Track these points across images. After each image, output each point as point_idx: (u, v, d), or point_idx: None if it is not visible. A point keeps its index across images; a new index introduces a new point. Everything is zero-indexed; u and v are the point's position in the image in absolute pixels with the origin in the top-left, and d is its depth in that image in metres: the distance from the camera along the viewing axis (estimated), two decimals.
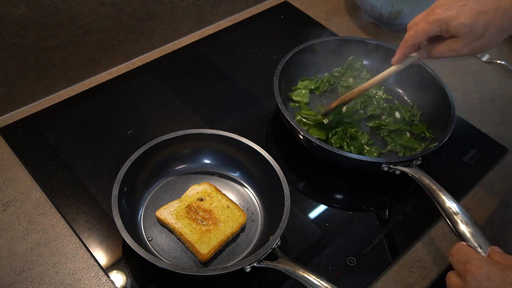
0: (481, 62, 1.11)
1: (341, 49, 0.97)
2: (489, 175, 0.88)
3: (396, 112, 0.92)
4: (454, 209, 0.65)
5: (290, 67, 0.91)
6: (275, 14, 1.17)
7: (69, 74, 0.94)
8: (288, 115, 0.81)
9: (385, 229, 0.78)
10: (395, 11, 1.08)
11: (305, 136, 0.79)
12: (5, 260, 0.70)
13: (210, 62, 1.03)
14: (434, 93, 0.90)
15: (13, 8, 0.79)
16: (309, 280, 0.61)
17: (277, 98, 0.83)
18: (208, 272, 0.63)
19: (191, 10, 1.06)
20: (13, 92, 0.88)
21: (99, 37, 0.94)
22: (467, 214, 0.64)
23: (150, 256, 0.63)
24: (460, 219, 0.64)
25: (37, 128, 0.87)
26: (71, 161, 0.82)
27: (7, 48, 0.82)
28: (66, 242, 0.73)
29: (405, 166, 0.76)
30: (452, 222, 0.65)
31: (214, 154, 0.81)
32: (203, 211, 0.73)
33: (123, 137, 0.87)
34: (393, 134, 0.88)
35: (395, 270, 0.75)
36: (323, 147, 0.77)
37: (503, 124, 0.98)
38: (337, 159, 0.81)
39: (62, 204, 0.77)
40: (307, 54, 0.95)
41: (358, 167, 0.83)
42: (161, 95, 0.95)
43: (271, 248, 0.65)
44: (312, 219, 0.78)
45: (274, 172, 0.74)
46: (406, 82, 0.97)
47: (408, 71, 0.84)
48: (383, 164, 0.76)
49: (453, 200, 0.67)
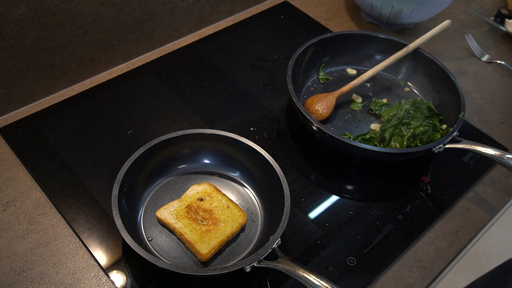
0: (481, 62, 1.11)
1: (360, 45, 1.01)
2: (489, 175, 0.88)
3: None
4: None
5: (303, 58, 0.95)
6: (275, 14, 1.17)
7: (69, 74, 0.94)
8: (300, 105, 0.83)
9: (385, 229, 0.78)
10: (395, 11, 1.08)
11: (319, 127, 0.80)
12: (5, 260, 0.70)
13: (210, 62, 1.03)
14: (443, 87, 0.93)
15: (13, 8, 0.79)
16: (309, 280, 0.61)
17: (290, 86, 0.85)
18: (208, 272, 0.63)
19: (191, 10, 1.06)
20: (13, 92, 0.88)
21: (99, 37, 0.94)
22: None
23: (150, 256, 0.63)
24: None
25: (37, 128, 0.87)
26: (71, 161, 0.82)
27: (7, 48, 0.82)
28: (66, 242, 0.73)
29: (453, 143, 0.81)
30: None
31: (214, 154, 0.81)
32: (203, 211, 0.73)
33: (123, 137, 0.87)
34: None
35: (395, 270, 0.75)
36: (335, 137, 0.79)
37: (503, 124, 0.98)
38: (359, 152, 0.82)
39: (62, 204, 0.77)
40: (323, 46, 0.98)
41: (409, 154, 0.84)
42: (161, 95, 0.95)
43: (271, 248, 0.65)
44: (312, 219, 0.78)
45: (274, 172, 0.74)
46: (417, 77, 1.00)
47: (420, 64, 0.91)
48: (434, 147, 0.80)
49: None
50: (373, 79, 1.00)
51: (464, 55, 1.13)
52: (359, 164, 0.88)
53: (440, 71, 0.94)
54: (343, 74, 1.03)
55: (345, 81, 0.98)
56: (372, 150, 0.80)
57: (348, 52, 1.02)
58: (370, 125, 0.92)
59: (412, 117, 0.91)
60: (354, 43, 1.01)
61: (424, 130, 0.87)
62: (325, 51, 1.01)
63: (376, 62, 0.98)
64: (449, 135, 0.81)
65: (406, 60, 0.99)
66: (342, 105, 0.96)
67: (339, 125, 0.92)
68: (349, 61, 1.04)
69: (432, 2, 1.05)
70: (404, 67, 1.01)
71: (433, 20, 1.17)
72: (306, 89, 0.98)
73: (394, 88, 1.01)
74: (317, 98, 0.92)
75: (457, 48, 1.14)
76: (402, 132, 0.88)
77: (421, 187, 0.85)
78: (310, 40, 0.96)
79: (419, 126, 0.88)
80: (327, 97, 0.92)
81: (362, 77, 0.94)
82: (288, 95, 0.90)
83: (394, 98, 0.98)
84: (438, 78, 0.95)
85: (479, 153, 0.79)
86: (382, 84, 1.01)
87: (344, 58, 1.03)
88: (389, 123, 0.89)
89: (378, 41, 1.00)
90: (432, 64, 0.96)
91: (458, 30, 1.20)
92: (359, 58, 1.03)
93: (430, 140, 0.86)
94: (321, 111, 0.91)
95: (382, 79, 1.02)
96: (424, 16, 1.10)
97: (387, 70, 1.01)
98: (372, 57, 1.03)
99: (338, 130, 0.91)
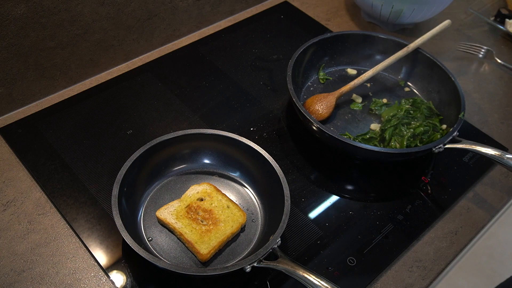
0: (481, 62, 1.11)
1: (361, 44, 1.02)
2: (489, 175, 0.88)
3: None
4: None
5: (304, 57, 0.95)
6: (275, 14, 1.17)
7: (69, 74, 0.94)
8: (300, 105, 0.83)
9: (385, 229, 0.78)
10: (395, 11, 1.08)
11: (319, 127, 0.80)
12: (5, 260, 0.70)
13: (210, 62, 1.03)
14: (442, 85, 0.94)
15: (13, 8, 0.79)
16: (309, 280, 0.61)
17: (290, 86, 0.85)
18: (208, 272, 0.63)
19: (191, 10, 1.06)
20: (13, 92, 0.88)
21: (99, 37, 0.94)
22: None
23: (150, 256, 0.63)
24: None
25: (37, 128, 0.87)
26: (71, 161, 0.82)
27: (7, 48, 0.82)
28: (66, 242, 0.73)
29: (453, 143, 0.81)
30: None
31: (214, 154, 0.81)
32: (203, 211, 0.73)
33: (123, 137, 0.87)
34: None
35: (395, 270, 0.75)
36: (335, 137, 0.79)
37: (503, 124, 0.98)
38: (356, 151, 0.82)
39: (62, 204, 0.77)
40: (323, 46, 0.99)
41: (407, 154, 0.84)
42: (161, 95, 0.95)
43: (271, 248, 0.65)
44: (312, 219, 0.78)
45: (274, 172, 0.74)
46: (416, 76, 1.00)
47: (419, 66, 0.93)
48: (434, 147, 0.80)
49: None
50: (373, 79, 1.00)
51: (464, 55, 1.13)
52: (359, 164, 0.88)
53: (440, 71, 0.94)
54: (343, 74, 1.03)
55: (345, 81, 0.98)
56: (372, 150, 0.80)
57: (348, 52, 1.02)
58: (370, 125, 0.92)
59: (412, 117, 0.91)
60: (354, 43, 1.01)
61: (424, 130, 0.88)
62: (325, 51, 1.01)
63: (376, 62, 0.98)
64: (449, 135, 0.81)
65: (406, 60, 0.99)
66: (342, 105, 0.96)
67: (339, 125, 0.92)
68: (349, 61, 1.04)
69: (432, 2, 1.05)
70: (404, 67, 1.01)
71: (433, 20, 1.17)
72: (306, 89, 0.98)
73: (394, 88, 1.01)
74: (317, 98, 0.92)
75: (457, 48, 1.14)
76: (402, 132, 0.88)
77: (421, 187, 0.85)
78: (310, 40, 0.96)
79: (419, 126, 0.88)
80: (327, 97, 0.92)
81: (362, 77, 0.94)
82: (288, 95, 0.90)
83: (394, 98, 0.98)
84: (438, 78, 0.95)
85: (479, 153, 0.79)
86: (382, 84, 1.01)
87: (344, 58, 1.03)
88: (389, 123, 0.89)
89: (378, 41, 1.00)
90: (432, 64, 0.96)
91: (458, 30, 1.20)
92: (359, 58, 1.03)
93: (430, 140, 0.86)
94: (321, 111, 0.91)
95: (382, 79, 1.02)
96: (424, 16, 1.10)
97: (387, 70, 1.01)
98: (372, 57, 1.03)
99: (338, 130, 0.91)
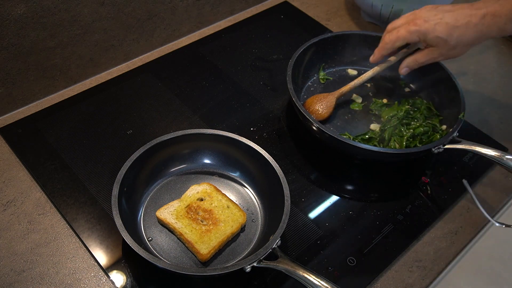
0: (481, 62, 1.11)
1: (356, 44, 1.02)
2: (489, 175, 0.88)
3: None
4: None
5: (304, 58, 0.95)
6: (275, 14, 1.17)
7: (69, 74, 0.94)
8: (300, 105, 0.83)
9: (385, 229, 0.78)
10: (395, 11, 1.08)
11: (319, 127, 0.80)
12: (5, 260, 0.70)
13: (210, 62, 1.03)
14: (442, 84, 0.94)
15: (13, 8, 0.79)
16: (309, 280, 0.61)
17: (290, 86, 0.85)
18: (208, 272, 0.63)
19: (191, 10, 1.06)
20: (13, 92, 0.88)
21: (99, 37, 0.94)
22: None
23: (150, 256, 0.63)
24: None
25: (37, 128, 0.87)
26: (71, 161, 0.82)
27: (7, 48, 0.82)
28: (66, 242, 0.73)
29: (453, 143, 0.81)
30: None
31: (214, 154, 0.81)
32: (203, 211, 0.73)
33: (123, 137, 0.87)
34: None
35: (395, 270, 0.75)
36: (335, 137, 0.79)
37: (503, 124, 0.98)
38: (355, 151, 0.82)
39: (62, 204, 0.77)
40: (323, 46, 0.98)
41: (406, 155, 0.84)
42: (161, 95, 0.95)
43: (271, 248, 0.65)
44: (312, 219, 0.78)
45: (274, 172, 0.74)
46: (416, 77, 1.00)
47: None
48: (433, 148, 0.80)
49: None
50: (373, 79, 1.00)
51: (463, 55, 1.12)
52: (359, 164, 0.88)
53: (440, 71, 0.94)
54: (343, 74, 1.03)
55: (345, 81, 0.98)
56: (372, 150, 0.80)
57: (348, 52, 1.02)
58: (370, 125, 0.92)
59: (412, 117, 0.91)
60: (354, 43, 1.01)
61: (424, 130, 0.88)
62: (325, 51, 1.00)
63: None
64: (448, 135, 0.81)
65: None
66: (342, 105, 0.96)
67: (339, 125, 0.92)
68: (349, 61, 1.03)
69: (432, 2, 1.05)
70: None
71: None
72: (306, 89, 0.98)
73: (394, 88, 1.01)
74: (317, 98, 0.92)
75: None
76: (401, 133, 0.88)
77: (421, 187, 0.85)
78: (310, 40, 0.96)
79: (419, 127, 0.88)
80: (327, 97, 0.92)
81: (362, 77, 0.94)
82: (288, 95, 0.90)
83: (394, 98, 0.98)
84: (438, 78, 0.95)
85: (479, 153, 0.79)
86: (382, 84, 1.01)
87: (344, 58, 1.03)
88: (389, 123, 0.89)
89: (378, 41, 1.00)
90: (432, 64, 0.96)
91: None
92: (359, 58, 1.03)
93: (429, 140, 0.86)
94: (321, 111, 0.91)
95: (382, 80, 1.02)
96: None
97: (387, 71, 1.01)
98: None
99: (338, 130, 0.91)
